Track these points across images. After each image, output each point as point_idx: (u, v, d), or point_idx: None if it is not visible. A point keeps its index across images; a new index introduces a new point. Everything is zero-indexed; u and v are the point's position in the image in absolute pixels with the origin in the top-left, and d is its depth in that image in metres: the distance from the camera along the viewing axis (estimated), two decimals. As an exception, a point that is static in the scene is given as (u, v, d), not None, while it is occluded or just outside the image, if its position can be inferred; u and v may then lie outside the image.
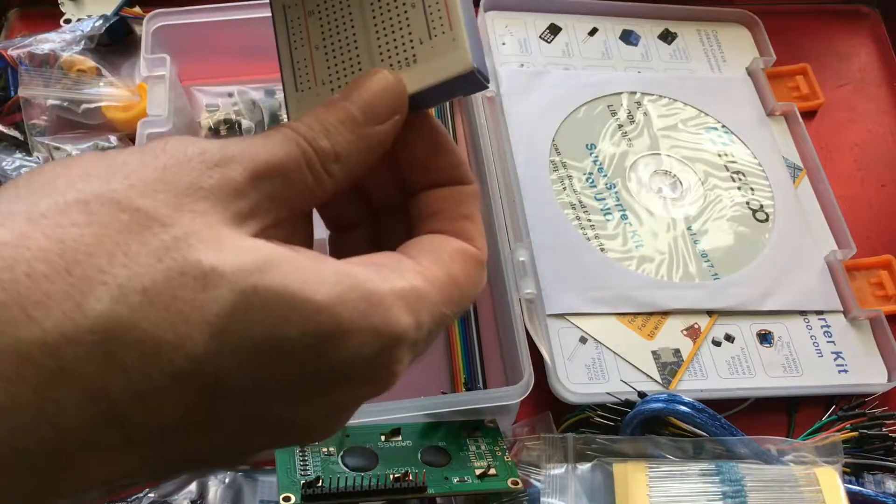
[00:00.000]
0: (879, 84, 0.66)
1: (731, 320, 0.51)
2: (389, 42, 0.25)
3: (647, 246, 0.54)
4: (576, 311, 0.50)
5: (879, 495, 0.44)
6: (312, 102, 0.26)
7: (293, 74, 0.27)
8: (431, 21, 0.25)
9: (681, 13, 0.65)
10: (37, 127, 0.53)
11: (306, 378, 0.19)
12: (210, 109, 0.56)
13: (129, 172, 0.19)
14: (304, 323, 0.18)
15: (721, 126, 0.60)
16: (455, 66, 0.24)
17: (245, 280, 0.18)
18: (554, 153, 0.57)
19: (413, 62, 0.25)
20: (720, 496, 0.40)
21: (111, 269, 0.17)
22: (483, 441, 0.42)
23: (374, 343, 0.19)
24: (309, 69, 0.26)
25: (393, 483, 0.38)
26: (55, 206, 0.17)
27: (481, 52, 0.25)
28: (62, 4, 0.60)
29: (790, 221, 0.56)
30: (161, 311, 0.17)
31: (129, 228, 0.17)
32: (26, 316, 0.16)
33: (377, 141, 0.23)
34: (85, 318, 0.16)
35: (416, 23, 0.25)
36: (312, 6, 0.27)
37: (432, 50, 0.24)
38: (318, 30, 0.26)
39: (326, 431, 0.22)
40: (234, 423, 0.19)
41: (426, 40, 0.25)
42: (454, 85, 0.24)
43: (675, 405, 0.43)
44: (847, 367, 0.50)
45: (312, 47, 0.26)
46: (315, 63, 0.26)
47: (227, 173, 0.20)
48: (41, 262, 0.16)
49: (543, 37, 0.62)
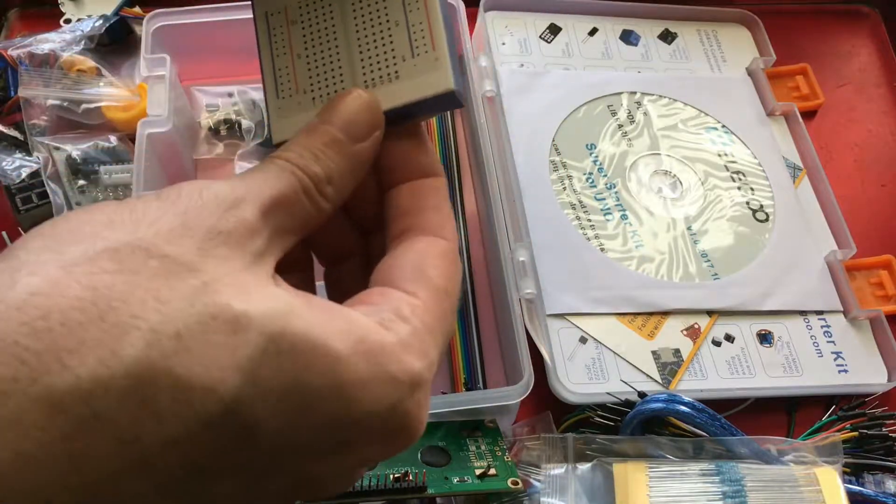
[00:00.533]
0: (879, 84, 0.66)
1: (731, 320, 0.51)
2: (372, 57, 0.26)
3: (647, 246, 0.54)
4: (576, 311, 0.50)
5: (879, 495, 0.44)
6: (293, 110, 0.26)
7: (274, 81, 0.27)
8: (415, 40, 0.25)
9: (681, 13, 0.65)
10: (37, 127, 0.53)
11: (333, 429, 0.19)
12: (210, 109, 0.57)
13: (152, 220, 0.19)
14: (327, 372, 0.19)
15: (721, 126, 0.60)
16: (436, 85, 0.25)
17: (273, 324, 0.18)
18: (554, 153, 0.57)
19: (395, 78, 0.25)
20: (720, 496, 0.40)
21: (144, 315, 0.17)
22: (483, 441, 0.42)
23: (393, 393, 0.20)
24: (291, 77, 0.27)
25: (393, 483, 0.38)
26: (85, 254, 0.17)
27: (460, 73, 0.25)
28: (62, 4, 0.60)
29: (790, 221, 0.56)
30: (194, 356, 0.17)
31: (159, 274, 0.18)
32: (60, 364, 0.16)
33: (362, 158, 0.24)
34: (119, 363, 0.16)
35: (399, 40, 0.26)
36: (295, 15, 0.27)
37: (414, 68, 0.25)
38: (301, 39, 0.27)
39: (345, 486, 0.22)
40: (260, 471, 0.19)
41: (409, 58, 0.25)
42: (433, 104, 0.25)
43: (675, 405, 0.43)
44: (847, 367, 0.51)
45: (294, 56, 0.27)
46: (297, 71, 0.27)
47: (241, 215, 0.20)
48: (76, 310, 0.16)
49: (543, 37, 0.62)
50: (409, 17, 0.26)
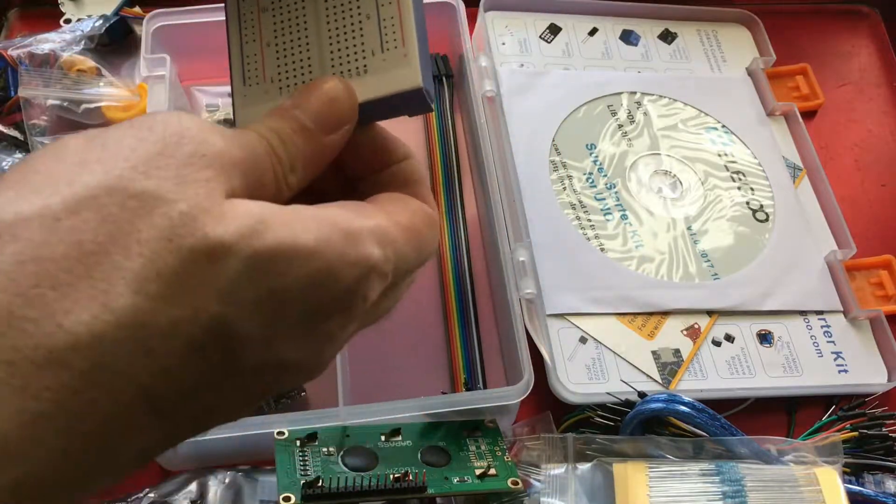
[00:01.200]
0: (879, 84, 0.66)
1: (731, 320, 0.51)
2: (342, 49, 0.26)
3: (647, 246, 0.54)
4: (576, 311, 0.50)
5: (879, 495, 0.44)
6: (259, 99, 0.26)
7: (242, 68, 0.27)
8: (385, 35, 0.25)
9: (681, 13, 0.65)
10: (37, 127, 0.53)
11: (303, 316, 0.21)
12: (210, 109, 0.57)
13: (128, 154, 0.19)
14: (298, 270, 0.20)
15: (721, 126, 0.60)
16: (403, 82, 0.25)
17: (247, 244, 0.19)
18: (554, 153, 0.57)
19: (364, 72, 0.25)
20: (720, 496, 0.40)
21: (127, 263, 0.18)
22: (483, 441, 0.42)
23: (352, 273, 0.21)
24: (259, 65, 0.26)
25: (393, 483, 0.38)
26: (64, 204, 0.18)
27: (430, 73, 0.25)
28: (62, 4, 0.60)
29: (790, 221, 0.56)
30: (176, 291, 0.18)
31: (138, 214, 0.18)
32: (58, 326, 0.17)
33: (328, 150, 0.24)
34: (111, 314, 0.17)
35: (369, 34, 0.25)
36: (266, 3, 0.27)
37: (384, 63, 0.25)
38: (271, 27, 0.26)
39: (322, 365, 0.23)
40: (245, 372, 0.20)
41: (378, 53, 0.25)
42: (400, 101, 0.25)
43: (675, 405, 0.43)
44: (847, 367, 0.50)
45: (264, 43, 0.26)
46: (266, 59, 0.26)
47: (229, 147, 0.20)
48: (64, 271, 0.17)
49: (543, 37, 0.62)
50: (380, 10, 0.25)
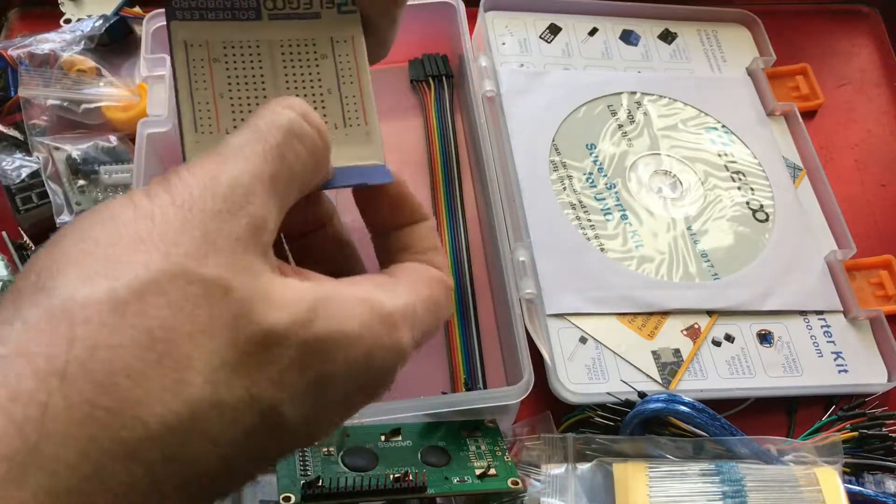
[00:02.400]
0: (879, 84, 0.66)
1: (731, 320, 0.51)
2: None
3: (647, 246, 0.54)
4: (576, 311, 0.50)
5: (879, 495, 0.44)
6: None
7: (193, 114, 0.26)
8: (347, 111, 0.26)
9: (681, 13, 0.65)
10: (37, 127, 0.53)
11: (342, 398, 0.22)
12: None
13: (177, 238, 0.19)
14: (343, 356, 0.21)
15: (721, 126, 0.60)
16: (365, 157, 0.26)
17: (298, 335, 0.20)
18: (554, 153, 0.57)
19: None
20: (720, 496, 0.40)
21: (196, 353, 0.18)
22: (483, 441, 0.42)
23: (387, 357, 0.22)
24: (212, 114, 0.26)
25: (393, 483, 0.38)
26: (130, 289, 0.18)
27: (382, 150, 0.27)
28: (62, 4, 0.60)
29: (790, 221, 0.56)
30: (237, 379, 0.19)
31: (200, 303, 0.19)
32: (132, 417, 0.17)
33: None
34: (182, 404, 0.18)
35: (331, 108, 0.26)
36: (218, 54, 0.26)
37: (346, 137, 0.26)
38: (225, 79, 0.26)
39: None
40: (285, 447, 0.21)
41: (340, 127, 0.26)
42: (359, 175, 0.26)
43: (675, 405, 0.43)
44: (847, 367, 0.50)
45: (217, 94, 0.26)
46: (219, 110, 0.26)
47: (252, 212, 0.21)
48: (137, 359, 0.18)
49: (543, 37, 0.62)
50: (342, 88, 0.26)
